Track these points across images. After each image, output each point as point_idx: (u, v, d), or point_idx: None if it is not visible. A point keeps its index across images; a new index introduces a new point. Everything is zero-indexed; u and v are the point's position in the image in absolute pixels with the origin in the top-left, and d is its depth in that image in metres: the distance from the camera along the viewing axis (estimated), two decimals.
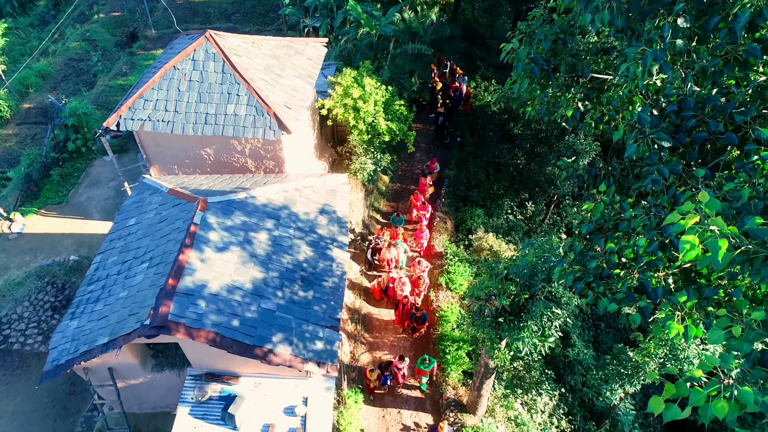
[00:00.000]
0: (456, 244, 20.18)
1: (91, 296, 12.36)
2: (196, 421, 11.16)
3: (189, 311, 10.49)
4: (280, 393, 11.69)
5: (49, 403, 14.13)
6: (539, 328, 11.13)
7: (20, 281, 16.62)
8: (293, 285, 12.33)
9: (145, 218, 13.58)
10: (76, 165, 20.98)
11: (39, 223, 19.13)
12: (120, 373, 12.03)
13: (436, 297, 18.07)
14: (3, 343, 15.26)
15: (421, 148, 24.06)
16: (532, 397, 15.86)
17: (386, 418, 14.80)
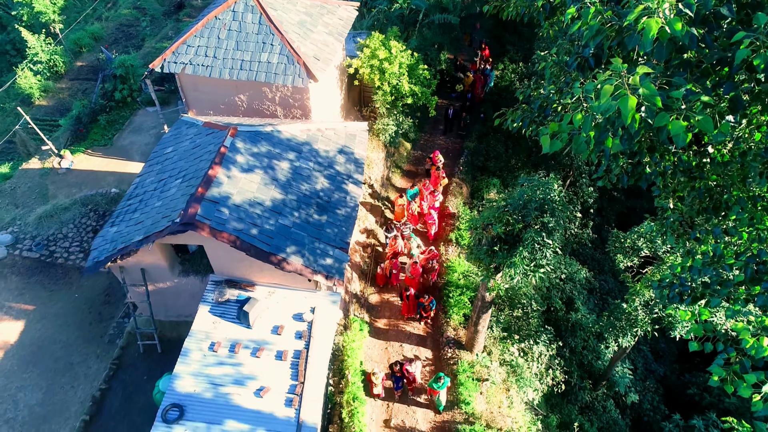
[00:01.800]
0: (469, 208, 21.07)
1: (129, 208, 13.83)
2: (215, 317, 12.47)
3: (214, 215, 11.79)
4: (290, 302, 12.90)
5: (86, 309, 15.70)
6: (531, 257, 12.00)
7: (67, 207, 18.33)
8: (309, 209, 13.53)
9: (181, 146, 14.99)
10: (121, 113, 22.71)
11: (85, 161, 20.88)
12: (150, 275, 13.44)
13: (446, 251, 19.02)
14: (49, 257, 16.95)
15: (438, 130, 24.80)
16: (528, 345, 16.66)
17: (389, 350, 15.85)
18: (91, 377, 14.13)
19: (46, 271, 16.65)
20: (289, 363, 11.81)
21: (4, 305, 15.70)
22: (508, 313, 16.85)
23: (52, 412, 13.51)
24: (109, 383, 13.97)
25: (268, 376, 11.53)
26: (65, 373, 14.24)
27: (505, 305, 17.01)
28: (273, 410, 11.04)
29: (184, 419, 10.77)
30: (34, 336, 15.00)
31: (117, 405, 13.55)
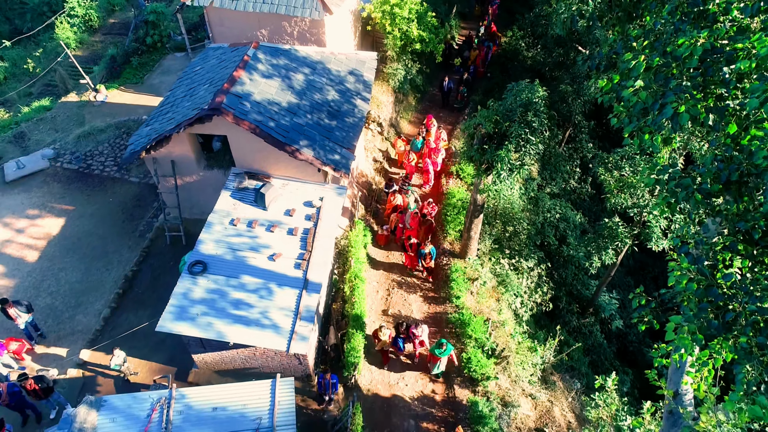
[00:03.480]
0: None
1: (162, 111, 15.59)
2: (235, 200, 14.16)
3: (238, 106, 13.48)
4: (302, 191, 14.54)
5: (120, 211, 17.51)
6: (517, 152, 13.47)
7: (102, 129, 20.21)
8: (320, 114, 15.16)
9: (208, 63, 16.72)
10: (151, 57, 24.60)
11: (118, 96, 22.77)
12: (179, 168, 15.17)
13: (447, 183, 20.53)
14: (86, 169, 18.82)
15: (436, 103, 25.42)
16: (518, 260, 18.09)
17: (390, 257, 17.36)
18: (124, 262, 15.91)
19: (84, 180, 18.51)
20: (299, 237, 13.44)
21: (47, 205, 17.57)
22: (500, 228, 18.27)
23: (89, 288, 15.30)
24: (140, 266, 15.74)
25: (281, 246, 13.17)
26: (101, 259, 16.04)
27: (498, 222, 18.42)
28: (284, 271, 12.67)
29: (207, 273, 12.46)
30: (74, 230, 16.84)
31: (146, 282, 15.30)
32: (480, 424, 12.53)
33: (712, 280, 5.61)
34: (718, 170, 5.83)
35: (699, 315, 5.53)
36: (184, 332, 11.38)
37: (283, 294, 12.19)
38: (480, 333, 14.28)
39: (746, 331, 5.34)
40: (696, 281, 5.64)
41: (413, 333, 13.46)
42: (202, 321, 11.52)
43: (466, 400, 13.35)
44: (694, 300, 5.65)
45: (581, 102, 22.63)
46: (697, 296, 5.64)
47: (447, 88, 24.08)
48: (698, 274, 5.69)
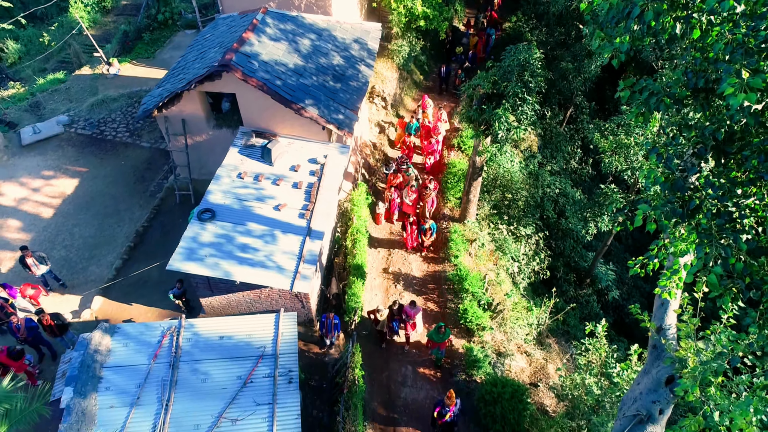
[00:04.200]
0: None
1: (173, 74, 16.22)
2: (242, 156, 14.75)
3: (246, 64, 14.07)
4: (306, 149, 15.11)
5: (131, 173, 18.17)
6: (513, 110, 13.97)
7: (115, 98, 20.90)
8: (326, 76, 15.74)
9: (218, 30, 17.33)
10: (162, 33, 25.29)
11: (131, 69, 23.46)
12: (190, 127, 15.78)
13: (448, 155, 21.05)
14: (100, 135, 19.50)
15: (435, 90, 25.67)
16: (517, 227, 18.59)
17: (392, 230, 17.77)
18: (135, 220, 16.54)
19: (97, 145, 19.18)
20: (304, 190, 14.02)
21: (62, 167, 18.25)
22: (499, 195, 18.78)
23: (102, 242, 15.95)
24: (150, 223, 16.37)
25: (286, 198, 13.75)
26: (113, 216, 16.68)
27: (497, 189, 18.94)
28: (288, 219, 13.25)
29: (215, 220, 13.05)
30: (87, 189, 17.50)
31: (156, 237, 15.93)
32: (474, 368, 13.05)
33: (678, 175, 6.12)
34: (687, 79, 6.35)
35: (665, 204, 6.04)
36: (192, 271, 11.97)
37: (287, 240, 12.76)
38: (477, 287, 14.79)
39: (707, 216, 5.85)
40: (664, 176, 6.16)
41: (407, 312, 13.21)
42: (210, 261, 12.12)
43: (462, 348, 13.86)
44: (662, 193, 6.17)
45: (582, 79, 23.06)
46: (665, 189, 6.15)
47: (445, 74, 24.41)
48: (666, 169, 6.21)
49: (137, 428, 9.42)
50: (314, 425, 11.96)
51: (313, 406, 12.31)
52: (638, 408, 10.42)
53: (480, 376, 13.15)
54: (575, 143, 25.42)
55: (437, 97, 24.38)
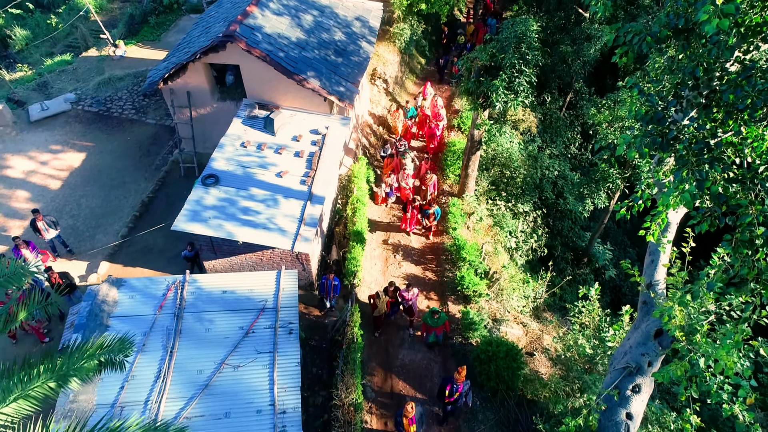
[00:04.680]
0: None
1: (179, 48, 16.59)
2: (246, 127, 15.11)
3: (250, 35, 14.43)
4: (308, 121, 15.46)
5: (136, 147, 18.56)
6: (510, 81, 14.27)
7: (121, 77, 21.30)
8: (328, 51, 16.09)
9: (223, 7, 17.70)
10: (168, 17, 25.69)
11: (136, 51, 23.85)
12: (194, 99, 16.15)
13: (449, 135, 21.37)
14: (106, 112, 19.90)
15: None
16: (515, 204, 18.89)
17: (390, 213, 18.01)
18: (141, 191, 16.92)
19: (103, 121, 19.57)
20: (305, 159, 14.37)
21: (69, 142, 18.65)
22: (498, 171, 19.08)
23: (108, 212, 16.33)
24: (155, 194, 16.75)
25: (287, 165, 14.11)
26: (119, 188, 17.07)
27: (495, 166, 19.24)
28: (290, 185, 13.61)
29: (219, 185, 13.42)
30: (94, 163, 17.89)
31: (161, 207, 16.30)
32: (470, 330, 13.38)
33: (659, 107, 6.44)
34: (669, 20, 6.68)
35: (646, 134, 6.36)
36: (196, 231, 12.34)
37: (289, 204, 13.12)
38: (474, 257, 15.11)
39: (685, 144, 6.18)
40: (645, 107, 6.48)
41: (403, 296, 12.94)
42: (214, 223, 12.48)
43: (458, 313, 14.19)
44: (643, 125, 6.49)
45: (581, 62, 23.33)
46: (645, 121, 6.47)
47: (443, 64, 24.66)
48: (647, 103, 6.53)
49: (143, 372, 9.78)
50: (314, 382, 12.30)
51: (312, 364, 12.65)
52: (628, 361, 10.75)
53: (476, 339, 13.47)
54: (575, 129, 25.67)
55: (434, 84, 24.70)
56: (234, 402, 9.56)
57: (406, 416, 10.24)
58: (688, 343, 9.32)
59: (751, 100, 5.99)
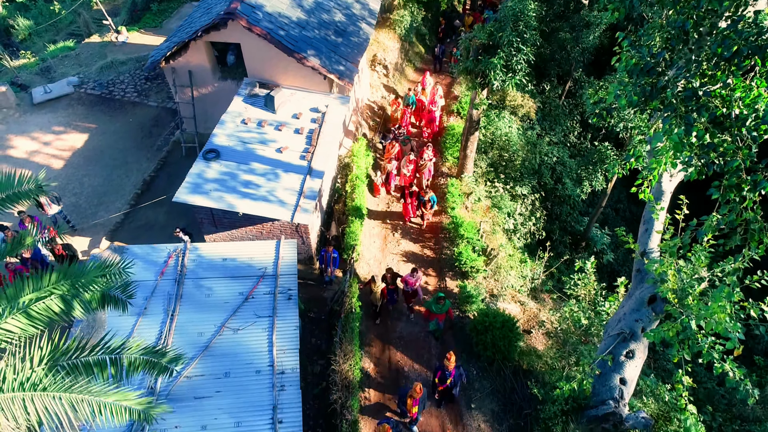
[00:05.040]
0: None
1: (182, 27, 16.75)
2: (246, 104, 15.28)
3: (251, 13, 14.59)
4: (308, 99, 15.62)
5: (138, 129, 18.74)
6: (507, 58, 14.42)
7: (123, 61, 21.50)
8: (328, 31, 16.25)
9: None
10: (170, 4, 25.88)
11: (139, 37, 24.04)
12: (196, 78, 16.32)
13: (448, 120, 21.53)
14: (108, 94, 20.10)
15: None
16: (513, 186, 19.04)
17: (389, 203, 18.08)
18: (142, 171, 17.11)
19: (106, 104, 19.76)
20: (305, 136, 14.53)
21: (72, 123, 18.85)
22: (497, 154, 19.23)
23: (110, 190, 16.51)
24: (157, 173, 16.94)
25: (287, 141, 14.28)
26: (121, 167, 17.26)
27: (494, 149, 19.39)
28: (290, 160, 13.78)
29: (220, 159, 13.59)
30: (96, 143, 18.08)
31: (163, 185, 16.46)
32: (467, 303, 13.53)
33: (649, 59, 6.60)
34: None
35: (636, 83, 6.53)
36: (197, 203, 12.51)
37: (289, 178, 13.29)
38: (472, 234, 15.26)
39: (673, 92, 6.34)
40: (636, 59, 6.64)
41: (407, 281, 12.60)
42: (215, 195, 12.65)
43: (456, 288, 14.34)
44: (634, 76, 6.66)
45: (580, 49, 23.46)
46: (636, 72, 6.63)
47: (440, 53, 24.63)
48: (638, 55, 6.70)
49: (144, 334, 9.95)
50: (313, 352, 12.47)
51: (312, 335, 12.82)
52: (622, 327, 10.90)
53: (473, 313, 13.62)
54: (574, 118, 25.79)
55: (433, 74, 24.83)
56: (234, 363, 9.73)
57: (412, 396, 10.18)
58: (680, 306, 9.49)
59: (738, 47, 6.14)
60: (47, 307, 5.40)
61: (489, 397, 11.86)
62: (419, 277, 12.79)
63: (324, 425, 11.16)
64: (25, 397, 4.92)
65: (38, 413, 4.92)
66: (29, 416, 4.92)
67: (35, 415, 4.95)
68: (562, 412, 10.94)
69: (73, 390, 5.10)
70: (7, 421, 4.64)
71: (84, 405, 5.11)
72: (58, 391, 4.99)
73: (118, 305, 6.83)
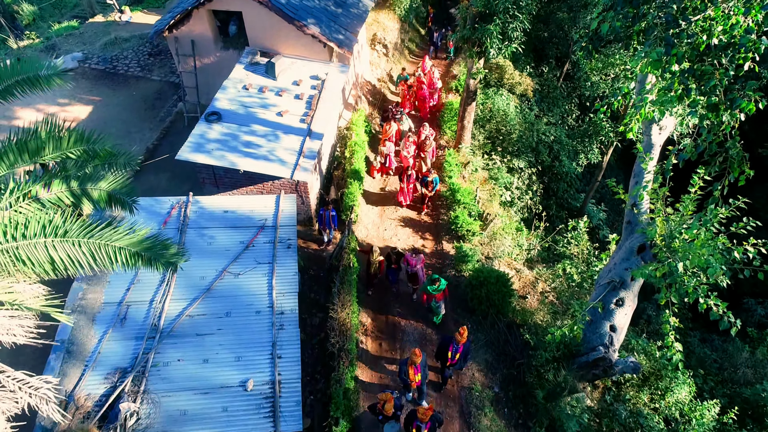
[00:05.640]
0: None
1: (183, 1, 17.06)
2: (248, 72, 15.59)
3: None
4: (308, 67, 15.93)
5: (141, 101, 19.08)
6: (504, 28, 14.71)
7: (127, 38, 21.84)
8: (328, 1, 16.56)
9: None
10: None
11: (142, 17, 24.39)
12: (198, 47, 16.65)
13: (446, 97, 21.83)
14: (112, 69, 20.43)
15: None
16: (510, 159, 19.33)
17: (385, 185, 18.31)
18: (146, 140, 17.43)
19: (110, 78, 20.10)
20: (305, 101, 14.85)
21: (76, 96, 19.18)
22: (494, 126, 19.52)
23: None
24: (160, 142, 17.27)
25: (288, 106, 14.59)
26: (125, 137, 17.58)
27: (492, 122, 19.68)
28: (290, 123, 14.09)
29: (222, 121, 13.90)
30: (100, 115, 18.41)
31: (165, 153, 16.78)
32: (463, 262, 13.83)
33: None
34: None
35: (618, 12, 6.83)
36: (200, 161, 12.83)
37: (289, 139, 13.60)
38: (468, 199, 15.55)
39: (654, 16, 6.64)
40: None
41: (408, 261, 12.33)
42: (217, 154, 12.97)
43: (452, 249, 14.64)
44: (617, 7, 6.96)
45: (578, 30, 23.73)
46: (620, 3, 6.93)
47: (437, 39, 24.88)
48: None
49: (147, 277, 10.27)
50: (312, 305, 12.77)
51: (311, 290, 13.13)
52: (612, 276, 11.20)
53: (468, 272, 13.91)
54: (572, 101, 26.00)
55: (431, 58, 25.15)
56: (234, 304, 10.05)
57: (413, 363, 9.63)
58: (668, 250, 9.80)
59: None
60: (58, 199, 5.72)
61: (483, 349, 12.15)
62: (421, 259, 12.43)
63: (322, 372, 11.47)
64: (47, 243, 5.26)
65: (61, 259, 5.28)
66: (53, 262, 5.27)
67: (59, 261, 5.30)
68: (553, 359, 11.25)
69: (92, 235, 5.45)
70: (33, 268, 4.98)
71: (102, 252, 5.47)
72: (77, 237, 5.34)
73: (124, 207, 7.18)
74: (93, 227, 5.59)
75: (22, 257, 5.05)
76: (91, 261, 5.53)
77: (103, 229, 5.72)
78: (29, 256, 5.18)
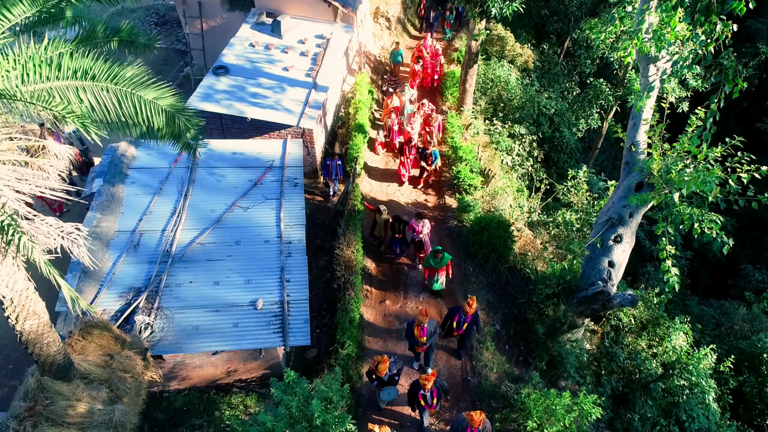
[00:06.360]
0: None
1: None
2: (254, 31, 15.91)
3: None
4: (313, 27, 16.25)
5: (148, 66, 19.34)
6: None
7: (134, 9, 22.18)
8: None
9: None
10: None
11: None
12: (205, 9, 16.96)
13: (448, 67, 22.12)
14: None
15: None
16: (512, 125, 19.61)
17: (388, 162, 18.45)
18: None
19: None
20: (310, 58, 15.16)
21: None
22: (496, 92, 19.81)
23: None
24: None
25: (294, 62, 14.90)
26: None
27: (493, 89, 19.98)
28: (295, 77, 14.40)
29: (229, 74, 14.21)
30: None
31: None
32: (465, 212, 14.13)
33: None
34: None
35: None
36: (208, 109, 13.13)
37: (295, 91, 13.92)
38: (470, 156, 15.84)
39: None
40: None
41: (413, 227, 12.06)
42: (225, 103, 13.28)
43: (455, 203, 14.93)
44: None
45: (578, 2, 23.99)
46: None
47: (433, 19, 24.31)
48: None
49: (159, 209, 10.58)
50: (318, 250, 13.08)
51: (316, 236, 13.43)
52: (611, 214, 11.50)
53: (470, 222, 14.20)
54: (572, 79, 26.25)
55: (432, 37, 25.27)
56: (244, 234, 10.36)
57: (419, 323, 9.27)
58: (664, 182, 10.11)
59: None
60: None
61: (485, 290, 12.45)
62: (425, 224, 12.10)
63: (328, 308, 11.78)
64: (77, 85, 5.58)
65: (90, 102, 5.62)
66: (82, 103, 5.59)
67: (87, 103, 5.63)
68: (553, 294, 11.54)
69: (119, 82, 5.78)
70: (64, 107, 5.29)
71: (128, 100, 5.81)
72: (105, 82, 5.67)
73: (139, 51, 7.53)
74: (119, 73, 5.99)
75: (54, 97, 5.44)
76: (118, 108, 5.87)
77: (130, 77, 6.06)
78: (61, 95, 5.54)
